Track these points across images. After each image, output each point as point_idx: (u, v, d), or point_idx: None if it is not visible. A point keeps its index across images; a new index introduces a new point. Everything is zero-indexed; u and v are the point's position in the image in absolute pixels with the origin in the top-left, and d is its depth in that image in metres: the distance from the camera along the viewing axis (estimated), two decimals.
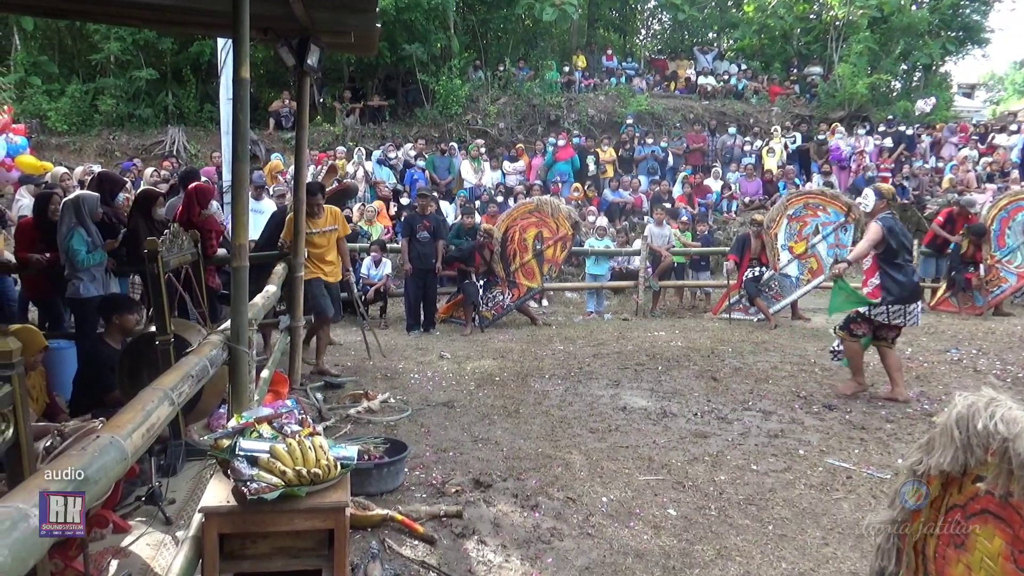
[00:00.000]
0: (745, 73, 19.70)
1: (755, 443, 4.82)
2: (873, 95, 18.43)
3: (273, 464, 2.55)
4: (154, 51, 16.02)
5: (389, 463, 3.95)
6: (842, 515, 3.72)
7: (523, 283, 9.56)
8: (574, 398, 5.89)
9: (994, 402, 1.78)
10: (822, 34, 20.28)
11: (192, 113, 16.12)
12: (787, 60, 20.68)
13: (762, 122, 17.68)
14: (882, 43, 19.25)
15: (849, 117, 17.92)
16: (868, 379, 6.43)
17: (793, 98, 18.97)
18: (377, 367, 6.92)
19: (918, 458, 1.99)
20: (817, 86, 18.86)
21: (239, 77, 3.48)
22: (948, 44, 20.36)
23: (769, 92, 18.99)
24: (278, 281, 5.71)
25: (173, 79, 16.35)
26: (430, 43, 16.64)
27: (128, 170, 12.15)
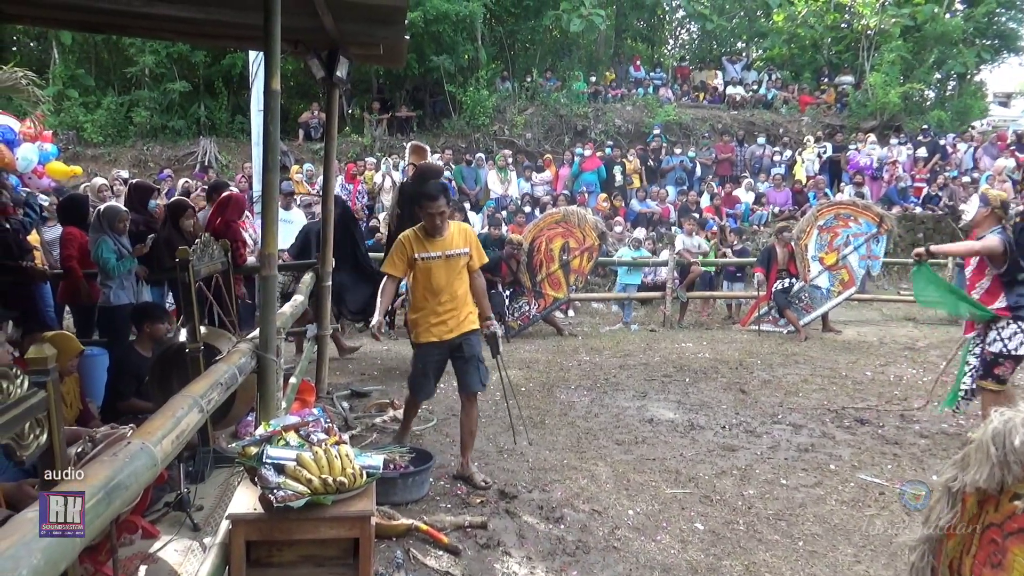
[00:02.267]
0: (774, 83, 19.54)
1: (785, 457, 4.75)
2: (906, 104, 18.17)
3: (299, 472, 2.57)
4: (187, 64, 16.34)
5: (414, 473, 3.96)
6: (875, 532, 3.65)
7: (549, 293, 9.55)
8: (600, 409, 5.85)
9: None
10: (853, 43, 20.06)
11: (223, 124, 16.39)
12: (817, 69, 20.47)
13: (791, 132, 17.52)
14: (915, 52, 18.99)
15: (881, 127, 17.68)
16: (901, 393, 6.32)
17: (824, 108, 18.77)
18: (403, 376, 6.92)
19: (953, 475, 1.95)
20: (848, 96, 18.64)
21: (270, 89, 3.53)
22: (983, 52, 20.02)
23: (799, 102, 18.82)
24: (305, 290, 5.76)
25: (205, 91, 16.65)
26: (458, 54, 16.76)
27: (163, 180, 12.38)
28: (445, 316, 4.20)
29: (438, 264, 4.17)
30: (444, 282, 4.17)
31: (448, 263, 4.18)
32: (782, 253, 9.65)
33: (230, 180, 13.45)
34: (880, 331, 9.60)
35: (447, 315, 4.20)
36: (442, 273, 4.17)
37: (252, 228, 8.22)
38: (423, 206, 4.11)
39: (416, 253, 4.16)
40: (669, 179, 15.08)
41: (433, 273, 4.16)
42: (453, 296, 4.20)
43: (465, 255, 4.24)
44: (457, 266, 4.21)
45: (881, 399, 6.14)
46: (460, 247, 4.22)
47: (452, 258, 4.20)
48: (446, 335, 4.21)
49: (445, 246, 4.18)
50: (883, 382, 6.76)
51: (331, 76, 5.18)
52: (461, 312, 4.25)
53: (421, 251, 4.17)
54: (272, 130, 3.54)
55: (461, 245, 4.23)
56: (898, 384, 6.68)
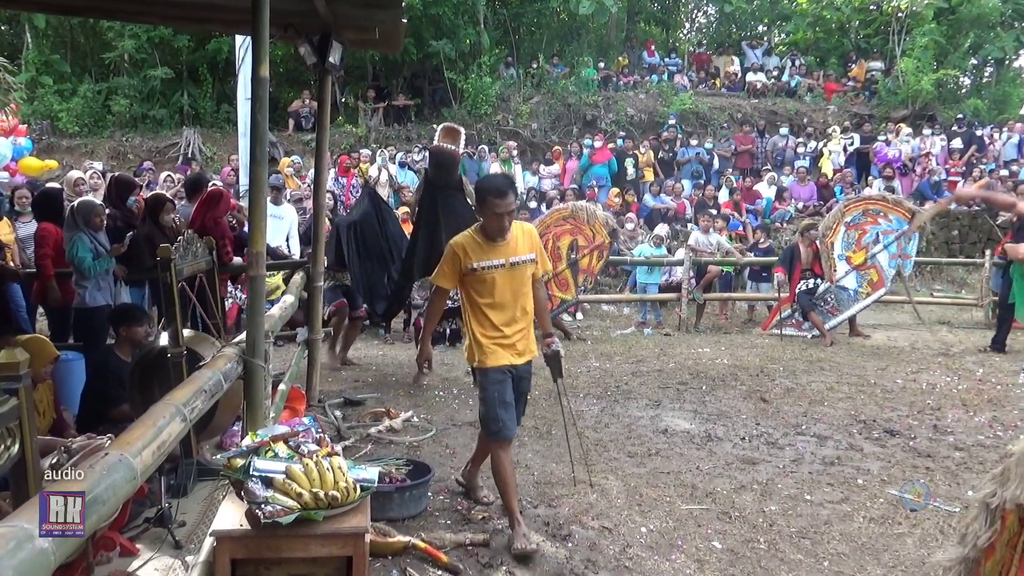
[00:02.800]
0: (798, 69, 19.52)
1: (809, 471, 4.74)
2: (940, 92, 18.12)
3: (289, 486, 2.57)
4: (169, 49, 16.39)
5: (412, 487, 3.96)
6: (905, 552, 3.64)
7: (556, 295, 9.55)
8: (611, 419, 5.85)
9: None
10: (883, 26, 20.02)
11: (208, 114, 16.43)
12: (844, 55, 20.44)
13: (816, 122, 17.50)
14: (949, 36, 18.94)
15: (913, 116, 17.64)
16: (934, 403, 6.31)
17: (851, 96, 18.73)
18: (400, 383, 6.95)
19: (991, 490, 1.94)
20: (878, 83, 18.60)
21: (258, 76, 3.53)
22: (1023, 36, 19.94)
23: (824, 89, 18.78)
24: (296, 291, 5.77)
25: (189, 78, 16.70)
26: (458, 39, 16.78)
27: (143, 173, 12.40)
28: (514, 337, 3.77)
29: (501, 274, 3.69)
30: (510, 296, 3.73)
31: (513, 273, 3.71)
32: (806, 252, 9.64)
33: (215, 173, 13.50)
34: (912, 335, 9.58)
35: (516, 336, 3.77)
36: (507, 285, 3.70)
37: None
38: (487, 203, 3.59)
39: (474, 261, 3.67)
40: (685, 172, 15.07)
41: (496, 285, 3.69)
42: (523, 312, 3.78)
43: (531, 262, 3.77)
44: (523, 276, 3.75)
45: (912, 409, 6.13)
46: (525, 252, 3.75)
47: (517, 267, 3.72)
48: (516, 359, 3.79)
49: (509, 252, 3.70)
50: (915, 390, 6.74)
51: (323, 62, 5.19)
52: (529, 332, 3.82)
53: (480, 259, 3.67)
54: (260, 120, 3.55)
55: (526, 250, 3.75)
56: (931, 392, 6.66)
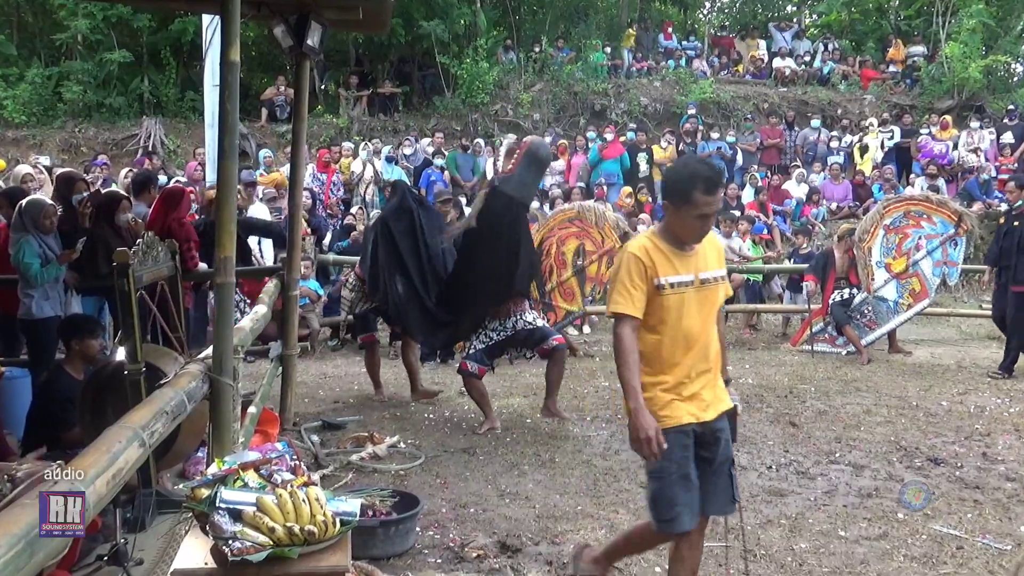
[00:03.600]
0: (831, 54, 19.57)
1: (843, 504, 4.74)
2: (989, 81, 18.16)
3: (260, 519, 2.57)
4: (128, 30, 16.40)
5: (398, 520, 3.95)
6: None
7: (561, 306, 9.54)
8: (621, 445, 5.84)
9: None
10: (925, 7, 20.10)
11: (171, 102, 16.44)
12: (883, 38, 20.51)
13: (852, 113, 17.54)
14: (1000, 18, 19.01)
15: (959, 107, 17.68)
16: (983, 428, 6.31)
17: (891, 85, 18.78)
18: (385, 404, 6.94)
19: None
20: (920, 70, 18.65)
21: (227, 60, 3.55)
22: None
23: (860, 77, 18.83)
24: (269, 301, 5.78)
25: (150, 63, 16.72)
26: (452, 19, 16.82)
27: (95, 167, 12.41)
28: (700, 383, 3.15)
29: (689, 296, 3.11)
30: (699, 325, 3.13)
31: (702, 294, 3.15)
32: (842, 259, 9.64)
33: (179, 168, 13.52)
34: (958, 352, 9.58)
35: (701, 380, 3.16)
36: (696, 310, 3.12)
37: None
38: (691, 199, 3.03)
39: (660, 276, 3.07)
40: None
41: (683, 311, 3.09)
42: (709, 346, 3.18)
43: (722, 281, 3.25)
44: (714, 298, 3.20)
45: (959, 434, 6.13)
46: (716, 267, 3.21)
47: (708, 285, 3.17)
48: (703, 413, 3.15)
49: (699, 266, 3.15)
50: (961, 413, 6.75)
51: (301, 45, 5.22)
52: (717, 376, 3.25)
53: (667, 273, 3.09)
54: (230, 109, 3.57)
55: (716, 264, 3.22)
56: (979, 416, 6.67)
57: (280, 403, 6.17)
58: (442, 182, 13.22)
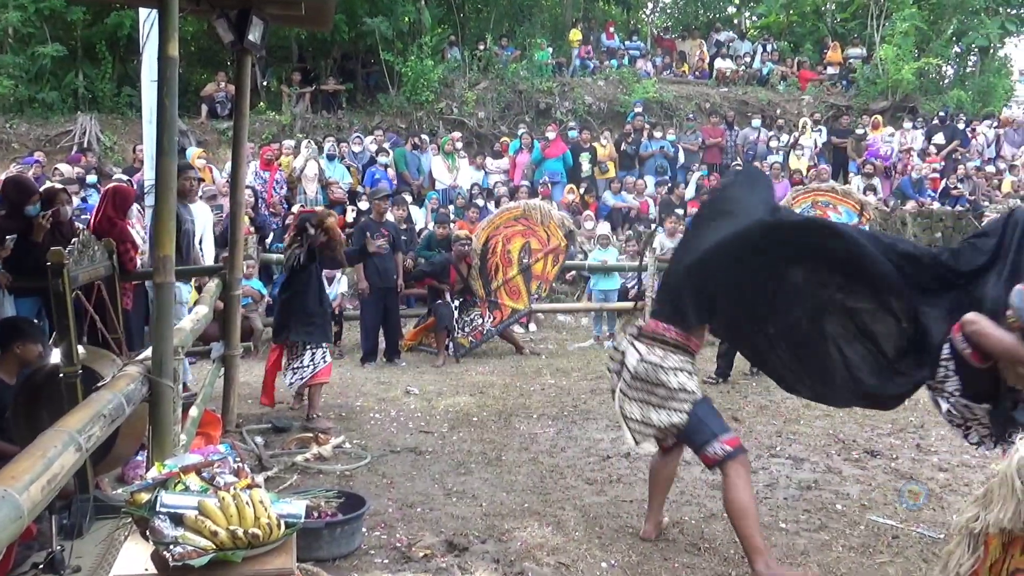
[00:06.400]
0: (770, 55, 19.95)
1: (784, 496, 4.84)
2: (921, 83, 18.70)
3: (202, 523, 2.54)
4: (61, 23, 15.97)
5: (343, 521, 3.93)
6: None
7: (507, 304, 9.57)
8: (568, 442, 5.88)
9: None
10: (861, 10, 20.61)
11: (107, 98, 16.05)
12: (820, 40, 20.97)
13: (791, 113, 17.90)
14: (931, 22, 19.57)
15: (893, 108, 18.18)
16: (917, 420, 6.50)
17: (828, 86, 19.23)
18: (330, 405, 6.88)
19: (974, 513, 2.01)
20: (856, 71, 19.12)
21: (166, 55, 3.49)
22: (1008, 23, 20.72)
23: (799, 78, 19.24)
24: (210, 300, 5.69)
25: (84, 57, 16.29)
26: (396, 16, 16.72)
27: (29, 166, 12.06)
28: None
29: None
30: None
31: None
32: None
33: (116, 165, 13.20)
34: None
35: None
36: None
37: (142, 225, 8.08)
38: None
39: None
40: (648, 168, 15.25)
41: None
42: None
43: None
44: None
45: (894, 427, 6.30)
46: None
47: None
48: None
49: None
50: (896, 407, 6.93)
51: (242, 40, 5.14)
52: None
53: None
54: (168, 105, 3.51)
55: None
56: (913, 409, 6.85)
57: (222, 405, 6.09)
58: (387, 180, 13.14)
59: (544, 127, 15.80)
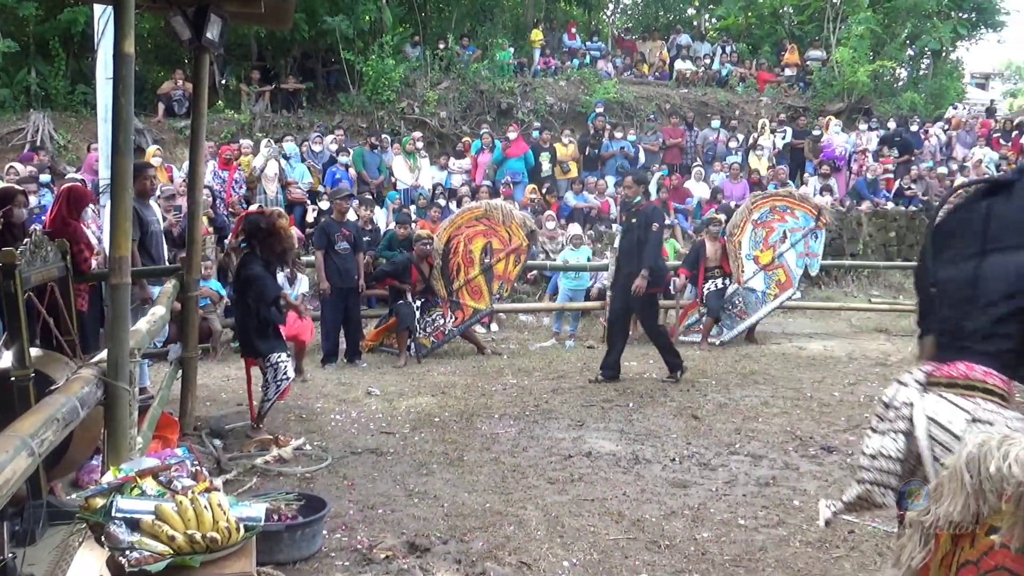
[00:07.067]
0: (729, 57, 20.18)
1: (743, 493, 4.89)
2: (876, 85, 19.05)
3: (159, 528, 2.51)
4: (13, 19, 15.65)
5: (304, 524, 3.90)
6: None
7: (468, 304, 9.57)
8: (529, 442, 5.90)
9: (1008, 440, 1.85)
10: (817, 13, 20.94)
11: (61, 95, 15.77)
12: (778, 43, 21.27)
13: (749, 114, 18.13)
14: (886, 25, 19.95)
15: (849, 109, 18.49)
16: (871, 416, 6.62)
17: (785, 87, 19.50)
18: (289, 406, 6.83)
19: (925, 508, 2.06)
20: (813, 73, 19.42)
21: (121, 52, 3.44)
22: (959, 27, 21.20)
23: (757, 79, 19.48)
24: (167, 302, 5.61)
25: (37, 53, 15.98)
26: (357, 15, 16.62)
27: None
28: None
29: None
30: None
31: None
32: (713, 248, 10.04)
33: (69, 165, 12.97)
34: (849, 345, 10.01)
35: None
36: None
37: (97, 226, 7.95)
38: None
39: None
40: (609, 168, 15.33)
41: None
42: None
43: None
44: None
45: (850, 423, 6.41)
46: None
47: None
48: None
49: None
50: (852, 403, 7.05)
51: (200, 38, 5.09)
52: None
53: None
54: (124, 104, 3.46)
55: None
56: (869, 405, 6.96)
57: (180, 407, 6.01)
58: (347, 180, 13.07)
59: (506, 127, 15.83)
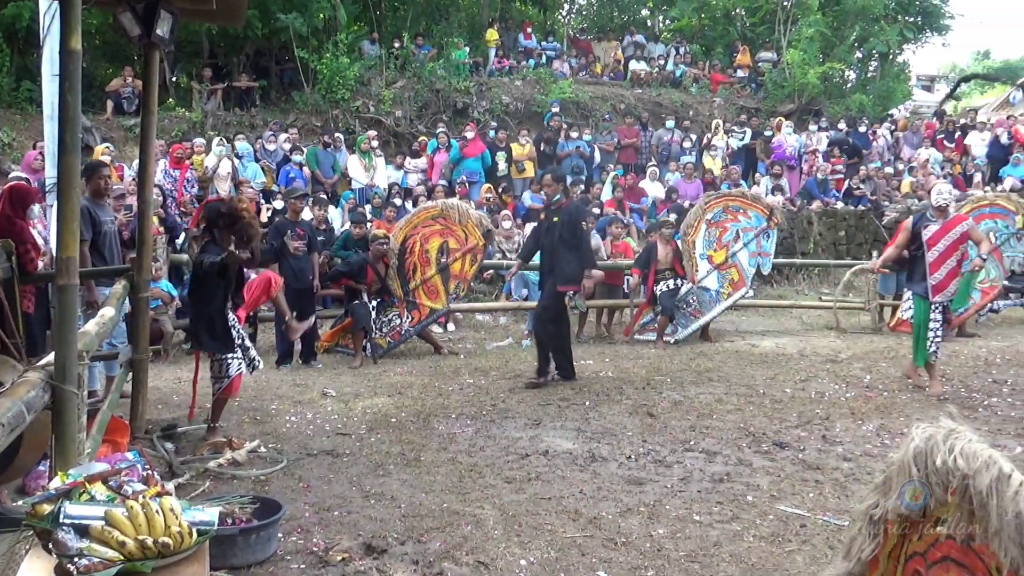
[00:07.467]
0: (683, 58, 20.39)
1: (697, 489, 4.95)
2: (826, 86, 19.41)
3: (109, 534, 2.47)
4: None
5: (259, 527, 3.86)
6: (796, 570, 3.87)
7: (425, 304, 9.54)
8: (486, 442, 5.90)
9: (953, 434, 1.90)
10: (769, 15, 21.27)
11: (5, 92, 15.39)
12: (730, 44, 21.55)
13: (702, 114, 18.35)
14: (835, 28, 20.34)
15: (799, 110, 18.81)
16: (823, 412, 6.75)
17: (738, 88, 19.78)
18: (244, 408, 6.75)
19: (874, 501, 2.10)
20: (764, 75, 19.72)
21: (68, 48, 3.38)
22: (906, 30, 21.71)
23: (711, 80, 19.72)
24: (116, 303, 5.51)
25: None
26: (311, 13, 16.49)
27: None
28: None
29: None
30: None
31: None
32: (664, 251, 10.15)
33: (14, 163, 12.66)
34: (800, 342, 10.18)
35: None
36: None
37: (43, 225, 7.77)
38: None
39: None
40: (564, 167, 15.38)
41: None
42: None
43: None
44: None
45: (802, 419, 6.52)
46: None
47: None
48: None
49: None
50: (804, 400, 7.17)
51: (149, 35, 5.00)
52: None
53: None
54: (71, 101, 3.40)
55: None
56: (819, 402, 7.11)
57: (131, 410, 5.90)
58: (301, 179, 12.96)
59: (462, 126, 15.83)
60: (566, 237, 7.67)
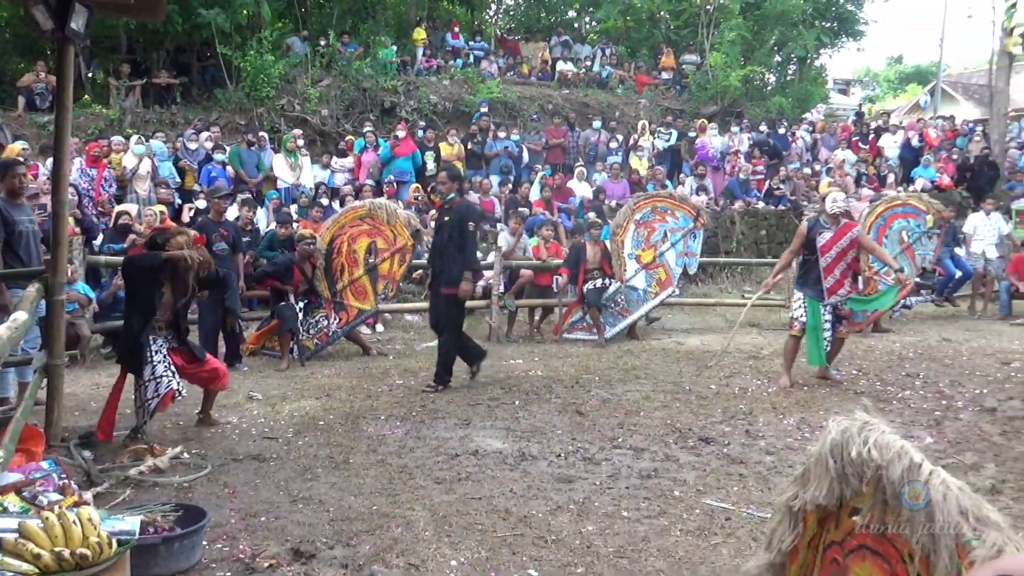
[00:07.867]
0: (609, 59, 20.65)
1: (626, 486, 5.02)
2: (747, 89, 19.91)
3: (23, 546, 2.40)
4: None
5: (182, 535, 3.77)
6: (721, 562, 3.96)
7: (353, 304, 9.45)
8: (416, 442, 5.89)
9: (868, 426, 1.97)
10: (692, 18, 21.71)
11: None
12: (655, 46, 21.92)
13: (629, 116, 18.63)
14: (755, 32, 20.88)
15: (722, 112, 19.25)
16: (746, 407, 6.91)
17: (663, 90, 20.13)
18: (167, 413, 6.58)
19: (793, 492, 2.17)
20: (689, 77, 20.12)
21: None
22: (823, 35, 22.42)
23: (636, 82, 20.03)
24: (30, 307, 5.32)
25: None
26: (233, 8, 16.16)
27: None
28: None
29: None
30: None
31: None
32: (593, 251, 10.30)
33: None
34: (724, 339, 10.40)
35: None
36: None
37: None
38: None
39: None
40: (493, 167, 15.45)
41: None
42: None
43: None
44: None
45: (726, 414, 6.67)
46: None
47: None
48: None
49: None
50: (728, 395, 7.35)
51: (63, 28, 4.84)
52: None
53: None
54: None
55: None
56: (743, 397, 7.29)
57: (46, 418, 5.69)
58: (224, 178, 12.69)
59: (389, 126, 15.73)
60: (454, 237, 7.50)
